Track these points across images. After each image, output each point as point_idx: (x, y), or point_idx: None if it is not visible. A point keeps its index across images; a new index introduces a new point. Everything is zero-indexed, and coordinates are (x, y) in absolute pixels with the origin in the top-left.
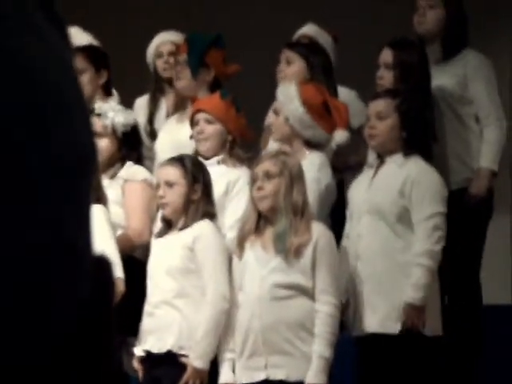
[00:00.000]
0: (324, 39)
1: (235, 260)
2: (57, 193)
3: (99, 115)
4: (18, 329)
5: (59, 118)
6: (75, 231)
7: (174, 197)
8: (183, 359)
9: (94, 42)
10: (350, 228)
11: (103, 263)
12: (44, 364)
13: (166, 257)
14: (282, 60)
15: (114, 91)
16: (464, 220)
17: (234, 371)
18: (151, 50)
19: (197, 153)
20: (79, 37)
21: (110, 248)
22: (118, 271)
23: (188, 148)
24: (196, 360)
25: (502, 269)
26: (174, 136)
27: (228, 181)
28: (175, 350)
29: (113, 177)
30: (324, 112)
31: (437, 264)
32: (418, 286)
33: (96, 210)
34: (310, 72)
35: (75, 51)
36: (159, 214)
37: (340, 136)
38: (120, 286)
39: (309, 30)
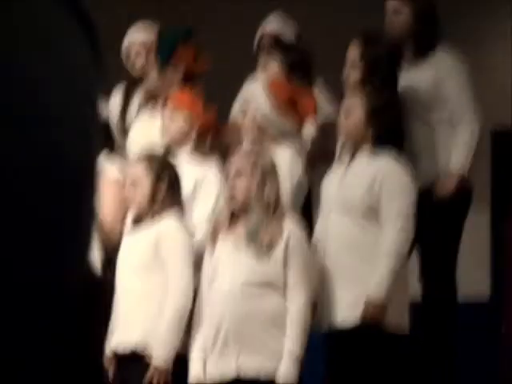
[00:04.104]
0: (287, 35)
1: (207, 256)
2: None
3: None
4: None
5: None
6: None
7: (138, 196)
8: (147, 358)
9: None
10: (320, 223)
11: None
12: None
13: (131, 254)
14: (260, 64)
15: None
16: (437, 218)
17: (204, 368)
18: (123, 48)
19: (167, 148)
20: None
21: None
22: (96, 270)
23: (158, 143)
24: (158, 359)
25: (479, 265)
26: (144, 132)
27: (195, 179)
28: (139, 348)
29: None
30: (291, 107)
31: (402, 264)
32: (380, 284)
33: None
34: (288, 73)
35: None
36: (130, 210)
37: (308, 130)
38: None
39: (271, 26)
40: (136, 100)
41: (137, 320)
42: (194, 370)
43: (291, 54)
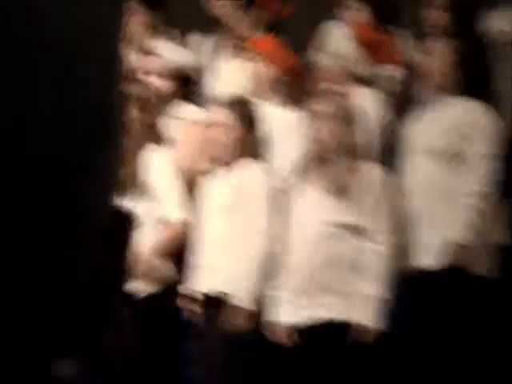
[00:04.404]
0: None
1: (291, 200)
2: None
3: (154, 55)
4: None
5: None
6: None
7: (222, 137)
8: (231, 299)
9: None
10: (404, 166)
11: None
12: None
13: (215, 197)
14: (345, 8)
15: (173, 30)
16: None
17: (285, 310)
18: None
19: (254, 94)
20: None
21: (170, 189)
22: (182, 213)
23: (243, 88)
24: (241, 301)
25: None
26: (228, 76)
27: (284, 123)
28: (222, 289)
29: (169, 116)
30: (375, 51)
31: (488, 205)
32: (466, 225)
33: (157, 152)
34: (376, 16)
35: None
36: (214, 154)
37: (393, 73)
38: (184, 228)
39: None
40: (220, 45)
41: (221, 262)
42: (276, 311)
43: None
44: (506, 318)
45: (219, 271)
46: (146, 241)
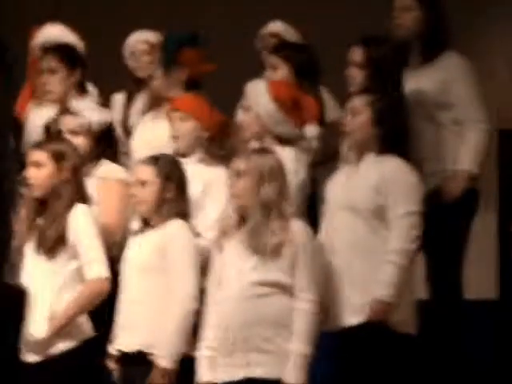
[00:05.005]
0: (291, 36)
1: (215, 258)
2: None
3: (75, 114)
4: None
5: None
6: None
7: (146, 195)
8: (151, 358)
9: (73, 40)
10: (326, 223)
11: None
12: None
13: (137, 255)
14: (267, 66)
15: (92, 88)
16: (445, 219)
17: (212, 369)
18: (125, 49)
19: (176, 151)
20: (54, 35)
21: (95, 247)
22: (104, 270)
23: (163, 146)
24: (163, 359)
25: (487, 265)
26: (148, 134)
27: (206, 180)
28: (144, 348)
29: (89, 175)
30: (294, 108)
31: (409, 262)
32: (388, 283)
33: (81, 210)
34: (297, 74)
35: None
36: (136, 212)
37: (310, 131)
38: (105, 285)
39: (276, 27)
40: (140, 102)
41: (141, 321)
42: (202, 370)
43: (299, 54)
44: (425, 374)
45: (141, 330)
46: (66, 298)
